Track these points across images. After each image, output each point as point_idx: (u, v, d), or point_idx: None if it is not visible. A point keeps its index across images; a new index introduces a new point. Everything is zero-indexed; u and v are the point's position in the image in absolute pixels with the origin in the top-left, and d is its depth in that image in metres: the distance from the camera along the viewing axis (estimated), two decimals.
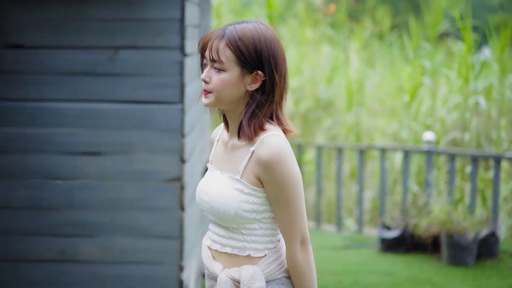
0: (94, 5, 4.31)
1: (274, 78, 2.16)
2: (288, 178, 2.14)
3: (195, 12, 4.98)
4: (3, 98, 4.39)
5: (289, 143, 2.19)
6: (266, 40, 2.14)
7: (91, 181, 4.42)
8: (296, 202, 2.17)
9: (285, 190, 2.15)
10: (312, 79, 10.85)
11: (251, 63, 2.13)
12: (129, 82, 4.33)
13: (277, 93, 2.19)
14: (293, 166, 2.15)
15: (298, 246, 2.20)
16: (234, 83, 2.15)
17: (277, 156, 2.13)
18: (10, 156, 4.41)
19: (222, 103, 2.19)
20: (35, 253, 4.47)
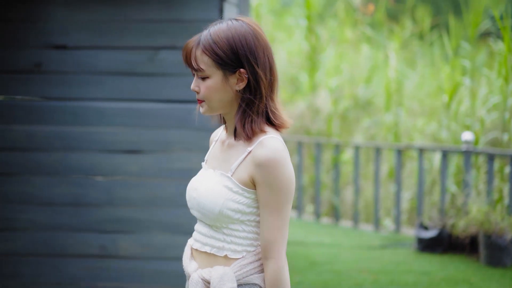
0: (136, 7, 4.41)
1: (257, 73, 2.10)
2: (283, 183, 2.07)
3: (233, 13, 5.05)
4: (47, 97, 4.52)
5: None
6: (240, 36, 2.10)
7: (131, 179, 4.52)
8: (287, 210, 2.10)
9: (278, 195, 2.08)
10: (351, 79, 10.86)
11: (230, 63, 2.10)
12: (168, 82, 4.42)
13: (264, 86, 2.12)
14: (290, 173, 2.09)
15: (285, 258, 2.10)
16: (220, 87, 2.11)
17: (276, 159, 2.07)
18: (52, 154, 4.54)
19: (216, 109, 2.18)
20: (76, 248, 4.58)
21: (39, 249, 4.60)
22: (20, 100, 4.57)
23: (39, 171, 4.56)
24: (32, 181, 4.57)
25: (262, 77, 2.11)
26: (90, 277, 4.58)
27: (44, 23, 4.47)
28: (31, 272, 4.62)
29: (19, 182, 4.57)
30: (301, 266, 6.76)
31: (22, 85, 4.53)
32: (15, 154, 4.57)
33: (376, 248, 7.49)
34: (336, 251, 7.38)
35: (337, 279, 6.25)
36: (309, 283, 6.19)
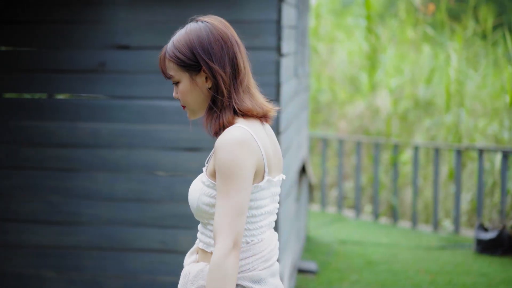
0: (197, 8, 4.50)
1: (212, 68, 2.12)
2: (231, 167, 2.01)
3: (292, 14, 5.11)
4: (111, 96, 4.65)
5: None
6: (195, 36, 2.16)
7: (191, 175, 4.61)
8: (237, 198, 2.01)
9: (225, 179, 2.02)
10: (412, 79, 10.79)
11: (192, 64, 2.14)
12: None
13: (224, 81, 2.12)
14: (240, 159, 2.02)
15: (230, 246, 1.99)
16: (190, 89, 2.15)
17: (227, 142, 2.04)
18: (116, 151, 4.67)
19: (197, 111, 2.20)
20: (137, 243, 4.70)
21: (102, 243, 4.74)
22: (85, 98, 4.72)
23: (103, 167, 4.69)
24: (96, 177, 4.71)
25: (219, 71, 2.12)
26: (150, 271, 4.69)
27: (108, 24, 4.61)
28: (93, 265, 4.76)
29: (84, 177, 4.72)
30: (358, 265, 6.78)
31: (87, 84, 4.67)
32: (80, 151, 4.71)
33: (434, 249, 7.45)
34: (394, 251, 7.38)
35: (394, 279, 6.25)
36: (366, 282, 6.21)
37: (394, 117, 10.37)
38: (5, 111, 4.77)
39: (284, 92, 4.63)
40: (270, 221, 2.20)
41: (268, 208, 2.16)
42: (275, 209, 2.22)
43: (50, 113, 4.72)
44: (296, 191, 6.04)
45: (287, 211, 5.02)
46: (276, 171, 2.19)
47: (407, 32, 11.47)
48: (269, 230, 2.21)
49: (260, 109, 2.15)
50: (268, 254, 2.15)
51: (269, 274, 2.14)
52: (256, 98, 2.18)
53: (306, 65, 7.12)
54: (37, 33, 4.68)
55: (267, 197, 2.14)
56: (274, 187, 2.17)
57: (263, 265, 2.13)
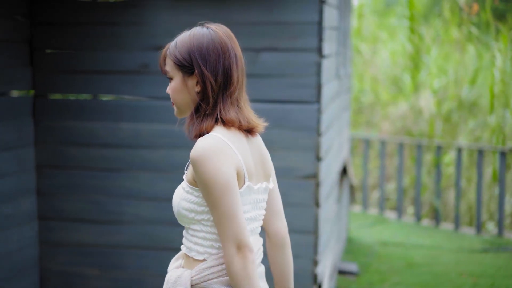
0: (239, 9, 4.53)
1: (204, 74, 2.14)
2: (210, 179, 2.04)
3: (334, 15, 5.11)
4: (152, 97, 4.71)
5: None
6: (196, 40, 2.17)
7: None
8: (224, 205, 2.05)
9: (209, 191, 2.06)
10: (456, 79, 10.68)
11: (186, 65, 2.17)
12: (269, 83, 4.52)
13: (212, 88, 2.15)
14: (216, 168, 2.04)
15: (234, 252, 2.04)
16: (180, 88, 2.18)
17: (198, 156, 2.06)
18: (157, 151, 4.72)
19: (183, 111, 2.23)
20: (177, 242, 4.73)
21: (143, 242, 4.80)
22: (127, 99, 4.78)
23: (144, 167, 4.75)
24: (137, 176, 4.77)
25: (210, 78, 2.14)
26: None
27: (150, 26, 4.66)
28: (135, 264, 4.82)
29: (126, 177, 4.78)
30: (399, 267, 6.75)
31: (129, 85, 4.73)
32: (123, 151, 4.78)
33: (477, 252, 7.36)
34: (436, 253, 7.31)
35: (436, 281, 6.20)
36: (407, 284, 6.17)
37: (437, 118, 10.28)
38: (50, 112, 4.86)
39: (325, 93, 4.63)
40: (253, 228, 2.23)
41: (249, 214, 2.18)
42: (260, 215, 2.24)
43: (94, 113, 4.79)
44: (337, 192, 6.03)
45: (327, 213, 5.02)
46: (258, 179, 2.21)
47: (451, 32, 11.35)
48: (253, 236, 2.23)
49: (246, 122, 2.17)
50: None
51: None
52: (243, 111, 2.19)
53: (348, 66, 7.10)
54: (81, 35, 4.75)
55: (247, 204, 2.17)
56: (256, 194, 2.19)
57: None
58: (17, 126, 4.72)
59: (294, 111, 4.51)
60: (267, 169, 2.26)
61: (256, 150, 2.23)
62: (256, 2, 4.48)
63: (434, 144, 9.41)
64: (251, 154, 2.18)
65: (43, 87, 4.86)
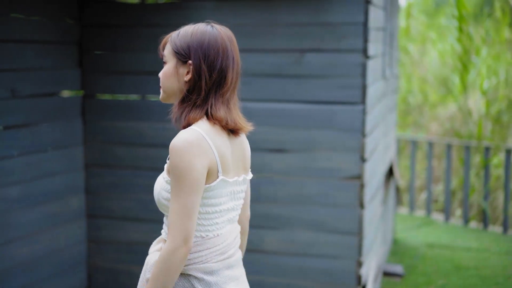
0: (284, 10, 4.55)
1: (201, 67, 2.23)
2: (178, 170, 2.12)
3: (379, 15, 5.09)
4: None
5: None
6: (199, 34, 2.25)
7: (277, 176, 4.67)
8: (186, 199, 2.12)
9: (176, 181, 2.13)
10: (507, 80, 10.52)
11: (182, 53, 2.25)
12: (314, 83, 4.53)
13: (206, 82, 2.23)
14: (190, 163, 2.12)
15: (180, 242, 2.12)
16: (171, 73, 2.27)
17: (176, 146, 2.14)
18: None
19: (168, 96, 2.31)
20: None
21: None
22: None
23: None
24: None
25: (205, 72, 2.23)
26: None
27: None
28: None
29: None
30: (445, 270, 6.69)
31: None
32: (159, 150, 4.84)
33: None
34: (484, 256, 7.23)
35: (483, 285, 6.13)
36: (453, 287, 6.12)
37: (486, 119, 10.14)
38: (98, 112, 4.95)
39: (370, 94, 4.62)
40: (230, 217, 2.34)
41: (225, 206, 2.29)
42: (238, 205, 2.36)
43: (141, 114, 4.87)
44: (383, 193, 6.01)
45: (371, 214, 5.01)
46: (236, 172, 2.31)
47: (502, 32, 11.18)
48: (230, 225, 2.35)
49: (232, 123, 2.26)
50: (224, 248, 2.29)
51: (223, 266, 2.29)
52: (232, 112, 2.28)
53: (394, 67, 7.07)
54: (129, 37, 4.83)
55: (224, 196, 2.27)
56: (233, 186, 2.29)
57: (217, 258, 2.27)
58: (67, 126, 4.83)
59: (338, 112, 4.51)
60: (246, 163, 2.38)
61: (238, 146, 2.33)
62: (301, 3, 4.50)
63: (482, 145, 9.29)
64: (231, 150, 2.27)
65: (91, 88, 4.95)
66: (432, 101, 11.63)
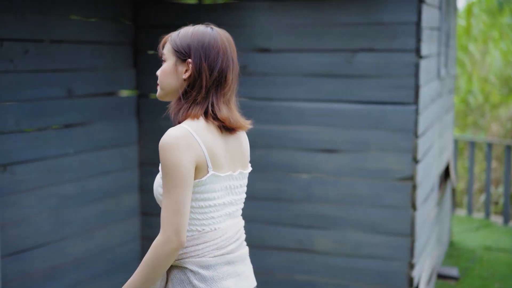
0: (336, 11, 4.54)
1: (202, 66, 2.28)
2: (166, 166, 2.17)
3: (434, 15, 5.03)
4: (251, 97, 4.78)
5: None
6: (200, 34, 2.31)
7: (328, 177, 4.66)
8: (175, 194, 2.17)
9: (165, 177, 2.18)
10: None
11: (182, 52, 2.30)
12: (365, 84, 4.51)
13: (206, 80, 2.28)
14: (178, 159, 2.17)
15: (171, 235, 2.17)
16: (170, 71, 2.32)
17: (165, 144, 2.18)
18: (255, 151, 4.79)
19: (166, 94, 2.36)
20: (275, 241, 4.81)
21: None
22: None
23: None
24: None
25: (206, 71, 2.27)
26: (286, 269, 4.78)
27: (249, 27, 4.74)
28: None
29: None
30: (502, 274, 6.57)
31: None
32: None
33: None
34: None
35: None
36: None
37: None
38: (152, 111, 5.02)
39: (423, 94, 4.57)
40: (229, 212, 2.37)
41: (221, 200, 2.32)
42: (238, 200, 2.39)
43: None
44: (437, 195, 5.93)
45: (424, 216, 4.95)
46: (231, 167, 2.34)
47: None
48: (229, 219, 2.37)
49: (235, 122, 2.32)
50: (222, 242, 2.31)
51: (222, 261, 2.31)
52: (233, 112, 2.35)
53: (451, 66, 6.97)
54: None
55: (218, 191, 2.30)
56: (227, 181, 2.32)
57: (214, 252, 2.30)
58: (123, 125, 4.91)
59: (391, 112, 4.48)
60: (244, 158, 2.42)
61: (234, 141, 2.36)
62: (353, 2, 4.48)
63: None
64: (224, 145, 2.31)
65: (146, 88, 5.03)
66: (493, 101, 11.42)
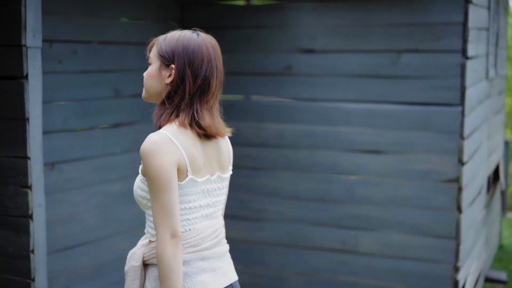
0: (380, 11, 4.52)
1: (185, 72, 2.31)
2: (150, 172, 2.23)
3: (481, 15, 4.97)
4: (296, 98, 4.80)
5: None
6: (184, 40, 2.34)
7: (372, 178, 4.65)
8: (163, 199, 2.24)
9: (151, 183, 2.24)
10: None
11: (166, 57, 2.33)
12: (410, 84, 4.48)
13: (189, 87, 2.31)
14: (160, 164, 2.23)
15: (167, 239, 2.24)
16: (154, 75, 2.36)
17: (144, 150, 2.24)
18: (300, 151, 4.80)
19: (150, 96, 2.40)
20: (318, 241, 4.81)
21: (285, 240, 4.90)
22: (272, 100, 4.90)
23: (287, 167, 4.85)
24: (280, 175, 4.88)
25: (189, 78, 2.31)
26: (330, 270, 4.78)
27: (293, 28, 4.75)
28: (277, 261, 4.93)
29: (269, 176, 4.91)
30: None
31: (274, 87, 4.85)
32: (266, 150, 4.91)
33: None
34: None
35: None
36: None
37: None
38: None
39: (469, 95, 4.52)
40: (207, 213, 2.43)
41: (197, 203, 2.38)
42: (215, 202, 2.45)
43: (241, 113, 4.95)
44: (485, 197, 5.85)
45: (470, 218, 4.89)
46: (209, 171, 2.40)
47: None
48: (206, 220, 2.43)
49: (215, 130, 2.36)
50: (197, 241, 2.38)
51: (196, 257, 2.38)
52: (215, 119, 2.38)
53: (501, 67, 6.86)
54: (229, 38, 4.93)
55: (195, 194, 2.36)
56: (205, 184, 2.38)
57: (188, 249, 2.37)
58: None
59: (436, 113, 4.44)
60: (223, 162, 2.47)
61: (212, 146, 2.41)
62: (398, 3, 4.46)
63: None
64: (202, 150, 2.36)
65: None
66: None
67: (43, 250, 3.43)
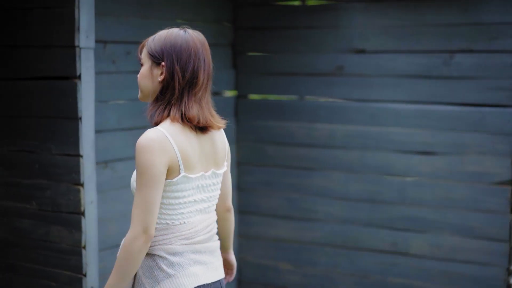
0: (432, 11, 4.48)
1: (174, 68, 2.38)
2: (140, 167, 2.30)
3: None
4: (347, 98, 4.79)
5: None
6: (172, 38, 2.41)
7: (424, 179, 4.61)
8: (146, 193, 2.30)
9: (138, 176, 2.31)
10: None
11: (156, 56, 2.41)
12: (463, 85, 4.43)
13: (179, 82, 2.38)
14: (151, 160, 2.29)
15: (139, 232, 2.31)
16: (146, 74, 2.44)
17: (139, 145, 2.31)
18: (350, 152, 4.80)
19: (145, 96, 2.48)
20: (369, 242, 4.79)
21: (335, 241, 4.89)
22: (323, 101, 4.90)
23: (337, 167, 4.85)
24: (331, 176, 4.88)
25: (178, 73, 2.38)
26: (381, 272, 4.76)
27: (345, 28, 4.75)
28: (327, 261, 4.93)
29: (320, 176, 4.91)
30: None
31: (325, 87, 4.85)
32: (317, 151, 4.91)
33: None
34: None
35: None
36: None
37: None
38: (250, 111, 5.11)
39: None
40: (201, 208, 2.49)
41: (192, 198, 2.45)
42: (209, 197, 2.51)
43: (291, 114, 4.97)
44: None
45: None
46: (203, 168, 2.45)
47: None
48: (200, 215, 2.50)
49: (204, 121, 2.42)
50: (191, 234, 2.45)
51: (189, 249, 2.45)
52: (204, 111, 2.43)
53: None
54: (281, 39, 4.95)
55: (188, 190, 2.42)
56: (199, 180, 2.44)
57: (181, 241, 2.43)
58: None
59: (489, 114, 4.38)
60: (218, 158, 2.53)
61: (208, 142, 2.47)
62: (450, 3, 4.41)
63: None
64: (198, 147, 2.43)
65: (244, 88, 5.13)
66: None
67: (94, 246, 3.51)
